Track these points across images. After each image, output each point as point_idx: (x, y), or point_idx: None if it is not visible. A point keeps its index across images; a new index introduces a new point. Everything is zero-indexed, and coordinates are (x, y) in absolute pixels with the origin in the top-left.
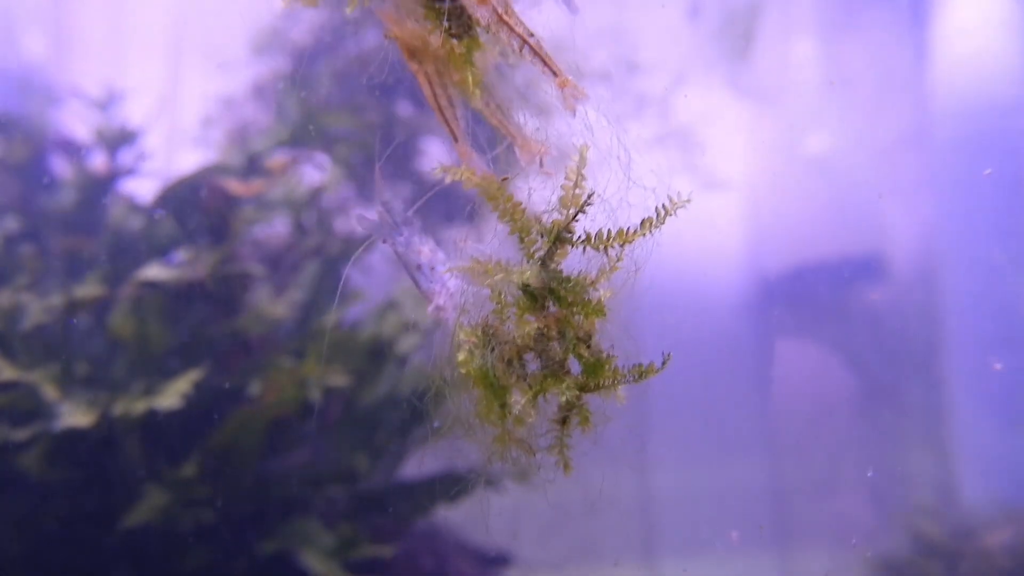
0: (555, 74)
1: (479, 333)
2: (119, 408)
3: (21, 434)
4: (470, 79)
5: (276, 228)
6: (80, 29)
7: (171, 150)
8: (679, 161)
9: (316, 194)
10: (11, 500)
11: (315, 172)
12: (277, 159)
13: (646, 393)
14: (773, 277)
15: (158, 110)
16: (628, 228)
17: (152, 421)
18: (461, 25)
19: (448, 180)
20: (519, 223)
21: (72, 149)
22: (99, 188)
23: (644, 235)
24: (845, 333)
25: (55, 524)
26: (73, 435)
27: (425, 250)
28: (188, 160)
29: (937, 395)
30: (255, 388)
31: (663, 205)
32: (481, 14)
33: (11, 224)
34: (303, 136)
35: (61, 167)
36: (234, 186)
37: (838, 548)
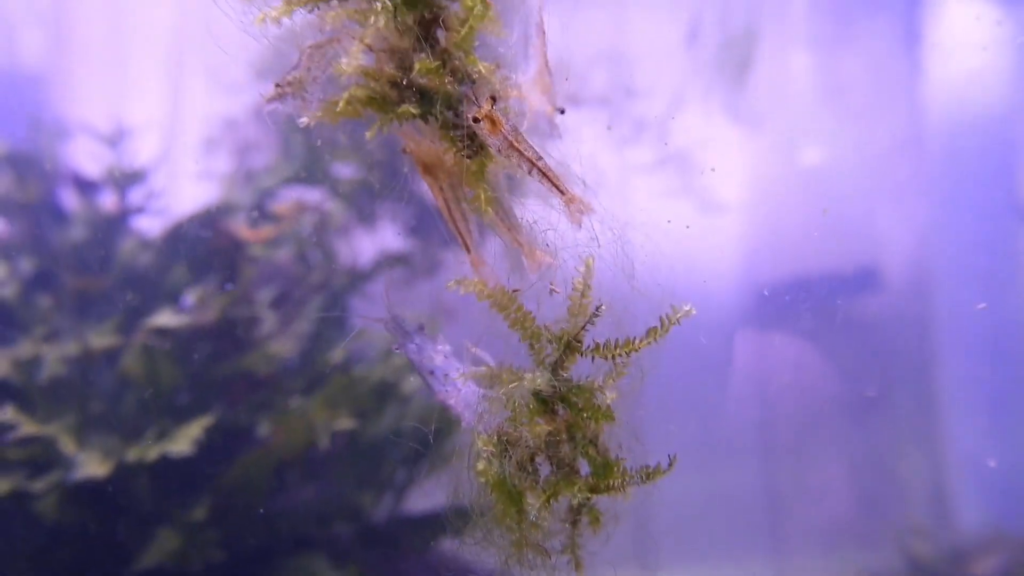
0: (562, 193)
1: (495, 441)
2: (133, 454)
3: (39, 485)
4: (482, 198)
5: (280, 258)
6: (82, 46)
7: (174, 172)
8: (678, 184)
9: (321, 229)
10: (25, 542)
11: (319, 207)
12: (285, 205)
13: (641, 399)
14: (767, 287)
15: (161, 131)
16: (635, 338)
17: (164, 463)
18: (474, 145)
19: (462, 293)
20: (529, 331)
21: (82, 184)
22: (110, 226)
23: (650, 344)
24: (839, 344)
25: (69, 566)
26: (88, 482)
27: (439, 358)
28: (191, 184)
29: (930, 406)
30: (264, 428)
31: (667, 316)
32: (493, 142)
33: (26, 265)
34: (309, 174)
35: (71, 202)
36: (243, 231)
37: (831, 556)
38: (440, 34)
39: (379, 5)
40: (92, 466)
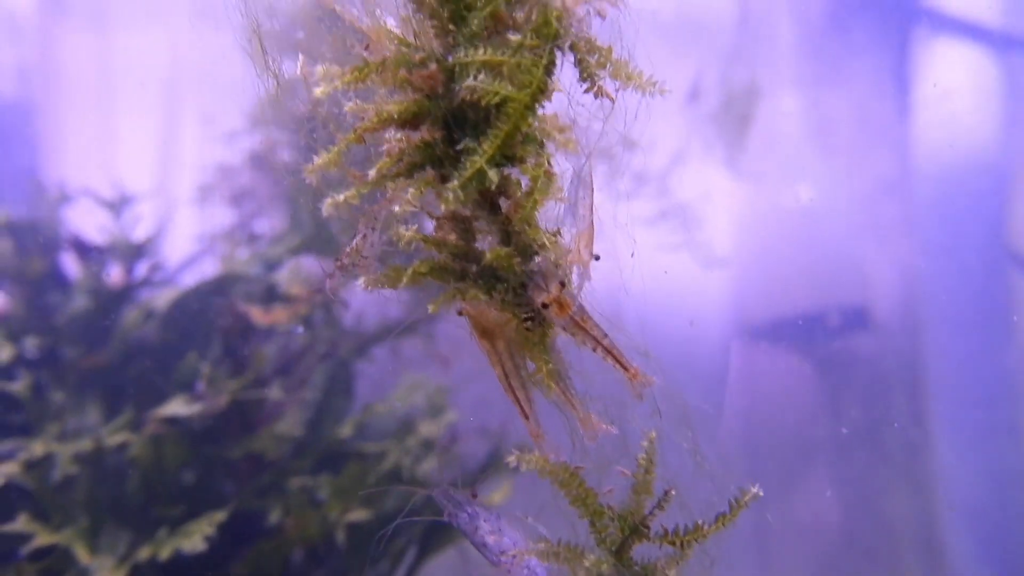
0: (626, 369)
1: None
2: (145, 553)
3: None
4: (544, 370)
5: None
6: (73, 101)
7: (176, 234)
8: (679, 237)
9: (326, 298)
10: None
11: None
12: (299, 288)
13: (628, 435)
14: (757, 326)
15: (160, 193)
16: (703, 523)
17: (176, 558)
18: (538, 318)
19: (523, 468)
20: (591, 509)
21: (85, 251)
22: (115, 298)
23: (718, 530)
24: (828, 383)
25: None
26: None
27: (490, 539)
28: (194, 244)
29: (921, 448)
30: (275, 515)
31: (735, 499)
32: (559, 322)
33: (31, 346)
34: (316, 242)
35: (74, 270)
36: (255, 314)
37: None
38: (502, 202)
39: (451, 187)
40: (105, 575)
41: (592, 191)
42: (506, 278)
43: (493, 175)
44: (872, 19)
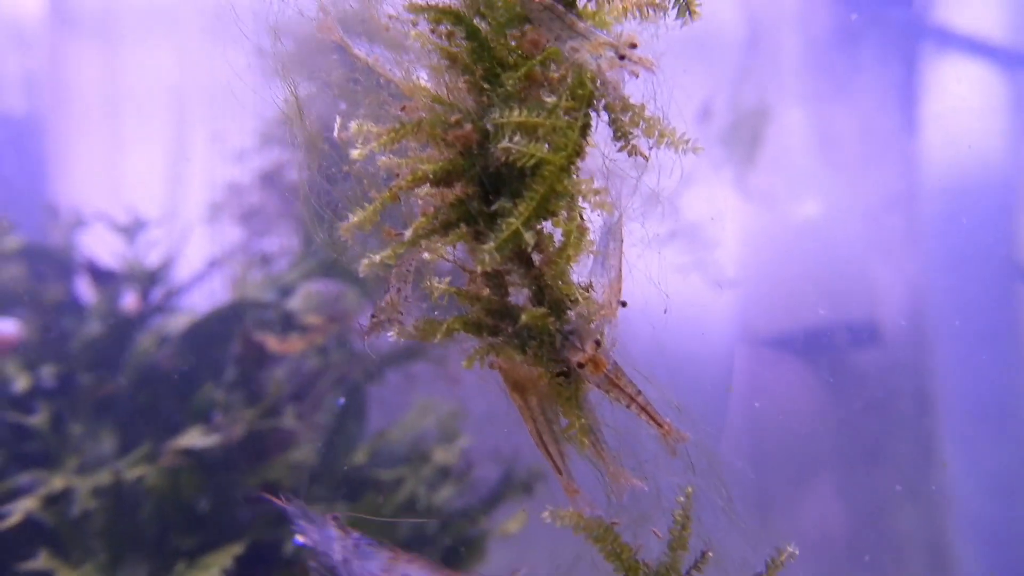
0: (659, 425)
1: None
2: None
3: None
4: (577, 426)
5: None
6: (81, 111)
7: (189, 256)
8: (689, 257)
9: (339, 321)
10: None
11: (346, 313)
12: (316, 318)
13: (638, 452)
14: (764, 341)
15: (165, 197)
16: None
17: None
18: (570, 371)
19: (558, 524)
20: (626, 564)
21: (100, 276)
22: (130, 326)
23: None
24: (836, 396)
25: None
26: None
27: (339, 560)
28: (206, 266)
29: (929, 462)
30: (290, 545)
31: (773, 559)
32: (593, 379)
33: (48, 374)
34: (330, 266)
35: (89, 295)
36: (271, 343)
37: None
38: (535, 255)
39: (487, 249)
40: None
41: (621, 242)
42: (540, 335)
43: (529, 238)
44: (879, 36)
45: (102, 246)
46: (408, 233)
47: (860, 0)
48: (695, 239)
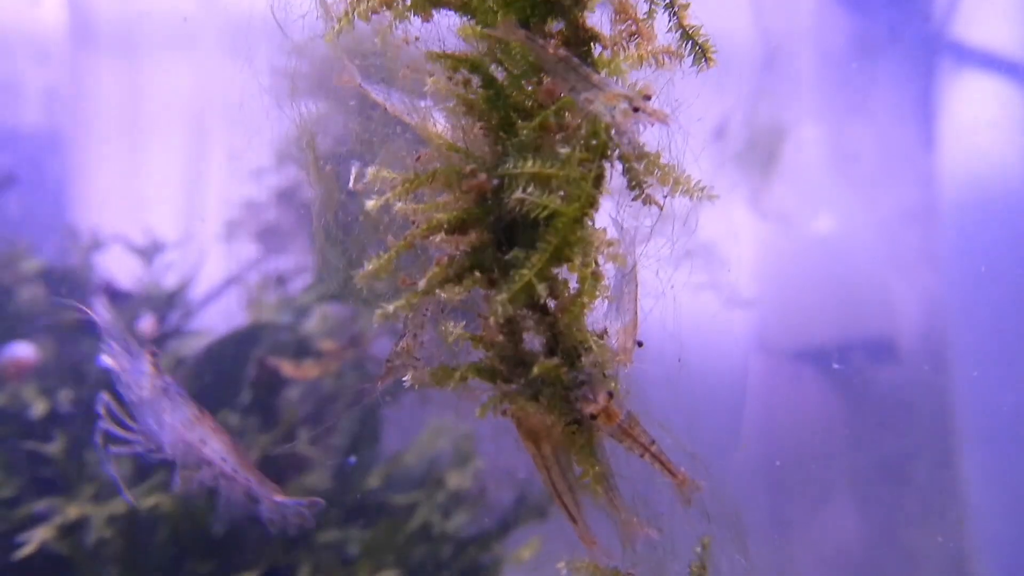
0: (674, 475)
1: None
2: None
3: None
4: (591, 474)
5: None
6: (99, 125)
7: (198, 260)
8: (704, 277)
9: (354, 347)
10: None
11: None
12: (331, 343)
13: (654, 476)
14: (781, 358)
15: (183, 214)
16: None
17: None
18: (583, 419)
19: None
20: None
21: (117, 297)
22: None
23: None
24: (854, 414)
25: None
26: None
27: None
28: (215, 261)
29: (950, 481)
30: (305, 572)
31: None
32: (607, 430)
33: (64, 399)
34: (346, 290)
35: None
36: (286, 368)
37: None
38: (549, 301)
39: (500, 300)
40: None
41: (637, 285)
42: (553, 384)
43: (542, 290)
44: (897, 51)
45: (120, 267)
46: (422, 283)
47: (878, 15)
48: (711, 258)
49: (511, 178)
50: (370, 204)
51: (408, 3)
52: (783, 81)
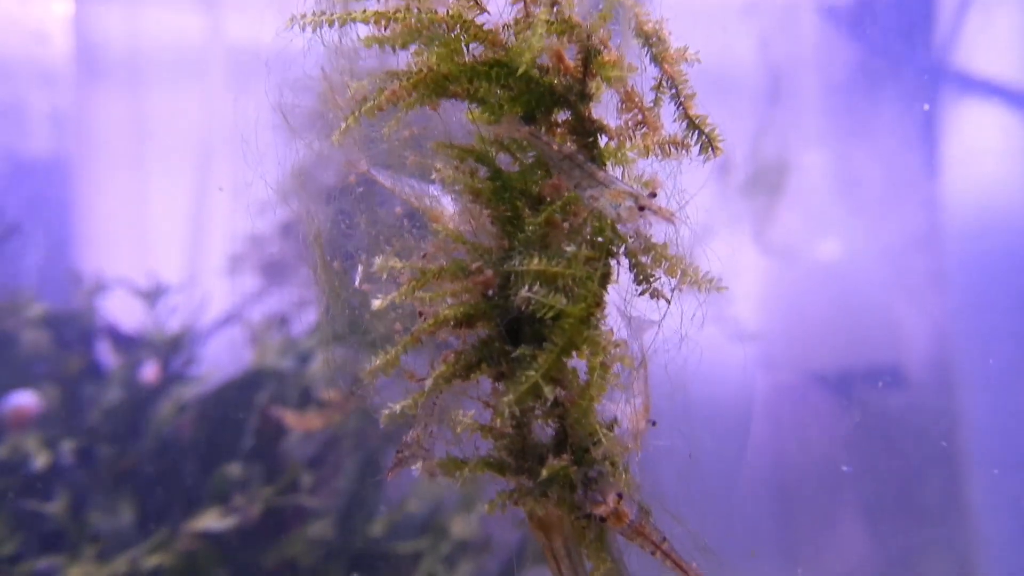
0: (685, 573)
1: None
2: None
3: None
4: (602, 570)
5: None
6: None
7: (202, 297)
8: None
9: (357, 396)
10: None
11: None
12: (335, 393)
13: (664, 501)
14: (786, 386)
15: (186, 253)
16: None
17: None
18: (593, 517)
19: None
20: None
21: (121, 341)
22: (150, 396)
23: None
24: (861, 442)
25: None
26: None
27: None
28: (224, 325)
29: (959, 510)
30: None
31: None
32: (617, 530)
33: (67, 448)
34: (349, 336)
35: (109, 359)
36: (289, 419)
37: None
38: (558, 391)
39: (506, 401)
40: None
41: (647, 368)
42: (562, 481)
43: (548, 391)
44: (899, 78)
45: (123, 311)
46: (429, 381)
47: (880, 42)
48: (715, 293)
49: (517, 275)
50: (376, 304)
51: (413, 98)
52: (787, 112)
